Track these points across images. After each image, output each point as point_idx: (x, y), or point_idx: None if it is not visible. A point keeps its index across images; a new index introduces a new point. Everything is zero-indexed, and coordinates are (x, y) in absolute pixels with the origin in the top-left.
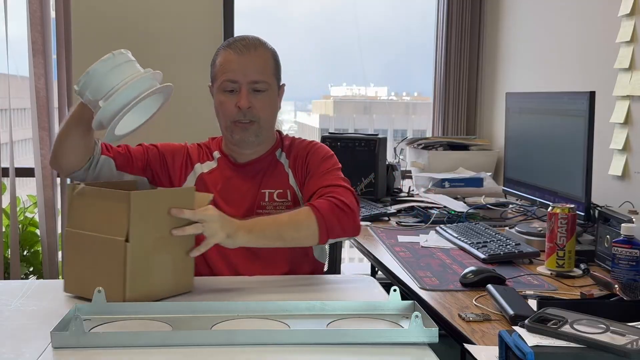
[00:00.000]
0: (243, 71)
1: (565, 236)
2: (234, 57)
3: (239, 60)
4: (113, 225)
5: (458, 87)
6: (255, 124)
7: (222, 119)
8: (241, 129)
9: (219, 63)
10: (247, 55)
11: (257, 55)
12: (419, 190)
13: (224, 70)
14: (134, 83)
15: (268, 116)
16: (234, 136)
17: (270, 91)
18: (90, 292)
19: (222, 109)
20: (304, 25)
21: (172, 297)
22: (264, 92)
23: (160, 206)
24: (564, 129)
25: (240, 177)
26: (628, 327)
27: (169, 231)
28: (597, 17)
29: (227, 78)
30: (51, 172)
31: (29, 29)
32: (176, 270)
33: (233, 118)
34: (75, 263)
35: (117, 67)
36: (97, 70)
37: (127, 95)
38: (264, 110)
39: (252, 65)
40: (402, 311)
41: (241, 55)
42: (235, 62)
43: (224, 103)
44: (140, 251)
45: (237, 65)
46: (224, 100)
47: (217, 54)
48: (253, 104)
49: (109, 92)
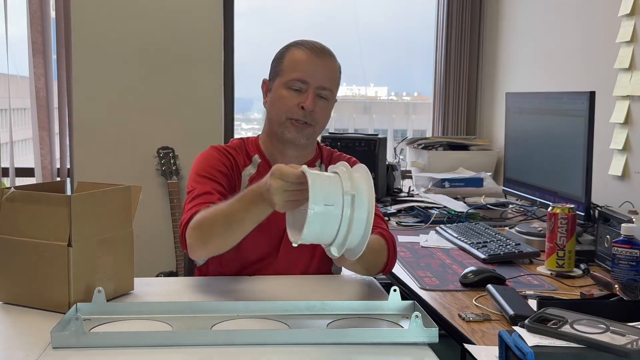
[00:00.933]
0: (315, 74)
1: (565, 236)
2: (310, 58)
3: (314, 62)
4: (52, 230)
5: (458, 87)
6: (310, 127)
7: (278, 114)
8: (296, 129)
9: (289, 59)
10: (323, 59)
11: (330, 63)
12: (419, 190)
13: (295, 68)
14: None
15: (323, 123)
16: (285, 134)
17: (331, 101)
18: (28, 299)
19: (281, 103)
20: (304, 25)
21: (172, 298)
22: (326, 100)
23: (101, 207)
24: (564, 129)
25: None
26: (628, 327)
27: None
28: (597, 17)
29: (298, 77)
30: (51, 172)
31: (29, 29)
32: (118, 271)
33: (292, 115)
34: (8, 270)
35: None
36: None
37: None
38: (322, 116)
39: (324, 71)
40: (402, 311)
41: (317, 58)
42: (310, 63)
43: (285, 98)
44: (83, 255)
45: (310, 67)
46: (287, 95)
47: (286, 50)
48: (316, 107)
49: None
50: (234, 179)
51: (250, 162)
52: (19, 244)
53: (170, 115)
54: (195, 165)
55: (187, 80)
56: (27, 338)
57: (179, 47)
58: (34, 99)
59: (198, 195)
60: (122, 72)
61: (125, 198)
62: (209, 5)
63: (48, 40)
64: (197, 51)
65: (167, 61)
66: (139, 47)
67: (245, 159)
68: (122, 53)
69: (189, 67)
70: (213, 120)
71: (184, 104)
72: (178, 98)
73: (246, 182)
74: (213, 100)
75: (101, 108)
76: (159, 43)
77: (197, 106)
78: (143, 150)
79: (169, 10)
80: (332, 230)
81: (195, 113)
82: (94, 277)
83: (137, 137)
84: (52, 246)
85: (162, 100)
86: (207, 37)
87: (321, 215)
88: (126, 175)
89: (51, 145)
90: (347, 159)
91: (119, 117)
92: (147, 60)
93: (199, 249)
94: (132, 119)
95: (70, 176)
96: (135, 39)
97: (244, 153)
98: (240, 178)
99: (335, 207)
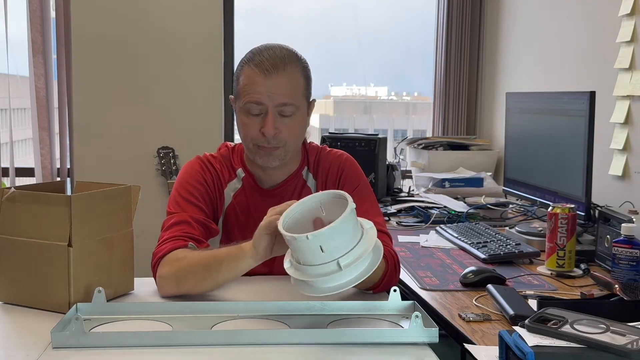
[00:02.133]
0: (270, 94)
1: (565, 236)
2: (260, 79)
3: (265, 83)
4: (52, 230)
5: (458, 87)
6: (280, 149)
7: (245, 141)
8: (265, 153)
9: (242, 81)
10: (275, 76)
11: (285, 76)
12: (419, 190)
13: (249, 90)
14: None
15: (295, 140)
16: (257, 159)
17: (298, 113)
18: (28, 299)
19: (244, 130)
20: (304, 25)
21: (172, 298)
22: (291, 116)
23: (100, 207)
24: (564, 129)
25: (267, 204)
26: (628, 327)
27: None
28: (597, 17)
29: (252, 100)
30: (51, 172)
31: (29, 29)
32: (118, 271)
33: (256, 142)
34: (7, 270)
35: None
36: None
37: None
38: (291, 135)
39: (280, 87)
40: (402, 311)
41: (267, 77)
42: (261, 83)
43: (247, 125)
44: (83, 255)
45: (263, 88)
46: (247, 122)
47: (241, 68)
48: (279, 128)
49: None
50: (215, 195)
51: (235, 175)
52: (19, 244)
53: (170, 115)
54: (177, 181)
55: (187, 80)
56: (27, 338)
57: (179, 47)
58: (34, 99)
59: (176, 223)
60: (122, 72)
61: (125, 198)
62: (209, 5)
63: (48, 40)
64: (197, 51)
65: (167, 61)
66: (139, 47)
67: (230, 172)
68: (122, 53)
69: (189, 67)
70: (213, 120)
71: (184, 104)
72: (178, 98)
73: (230, 198)
74: (213, 100)
75: (101, 108)
76: (159, 43)
77: (197, 106)
78: (143, 150)
79: (169, 10)
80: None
81: (195, 113)
82: (94, 277)
83: (137, 137)
84: (52, 246)
85: (162, 100)
86: (207, 37)
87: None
88: (126, 175)
89: (51, 145)
90: (335, 160)
91: (119, 117)
92: (147, 60)
93: (170, 287)
94: (132, 119)
95: (70, 176)
96: (135, 39)
97: (229, 165)
98: (223, 195)
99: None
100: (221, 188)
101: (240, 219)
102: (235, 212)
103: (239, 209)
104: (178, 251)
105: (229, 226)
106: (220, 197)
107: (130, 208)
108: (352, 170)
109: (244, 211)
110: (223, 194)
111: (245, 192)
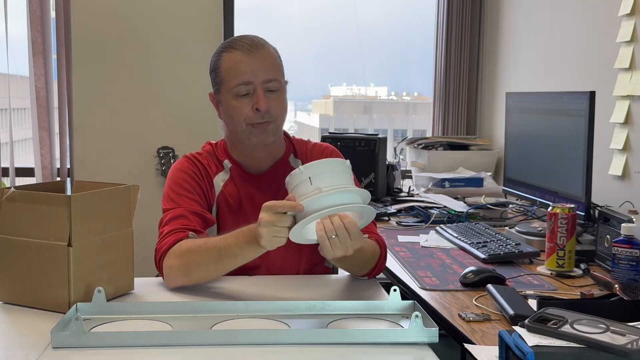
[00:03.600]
0: (255, 71)
1: (565, 236)
2: (244, 58)
3: (249, 61)
4: (52, 230)
5: (458, 87)
6: (272, 123)
7: (236, 124)
8: (259, 131)
9: (225, 67)
10: (256, 53)
11: (265, 54)
12: (419, 190)
13: (235, 73)
14: (357, 190)
15: (283, 114)
16: (251, 139)
17: (282, 90)
18: (28, 299)
19: (236, 113)
20: (304, 25)
21: (172, 298)
22: (277, 91)
23: (100, 207)
24: (564, 129)
25: (256, 190)
26: (628, 327)
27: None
28: (597, 17)
29: (241, 81)
30: (51, 172)
31: (29, 29)
32: (118, 271)
33: (250, 121)
34: (7, 270)
35: (346, 170)
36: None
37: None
38: (279, 109)
39: (263, 64)
40: (402, 311)
41: (250, 55)
42: (246, 62)
43: (237, 107)
44: (83, 255)
45: (248, 66)
46: (238, 105)
47: (218, 58)
48: (269, 103)
49: (335, 185)
50: (206, 186)
51: (222, 167)
52: (19, 244)
53: (170, 115)
54: (168, 180)
55: (187, 80)
56: (27, 338)
57: (179, 47)
58: (34, 99)
59: (173, 218)
60: (122, 72)
61: (125, 198)
62: (209, 5)
63: (48, 40)
64: (197, 51)
65: (167, 61)
66: (139, 47)
67: (217, 164)
68: (122, 53)
69: (188, 67)
70: (213, 120)
71: (184, 104)
72: (178, 98)
73: (220, 188)
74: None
75: (101, 108)
76: (158, 43)
77: (197, 106)
78: (143, 150)
79: (168, 10)
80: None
81: (195, 113)
82: (94, 277)
83: (137, 137)
84: (52, 246)
85: (162, 100)
86: (206, 36)
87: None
88: (126, 175)
89: (51, 145)
90: (324, 146)
91: (119, 117)
92: (147, 60)
93: (180, 278)
94: (132, 119)
95: (70, 176)
96: (135, 38)
97: (215, 159)
98: (213, 185)
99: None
100: (210, 179)
101: (232, 207)
102: (226, 201)
103: (229, 197)
104: (182, 242)
105: (221, 215)
106: (210, 188)
107: (130, 208)
108: (337, 155)
109: (234, 199)
110: (213, 185)
111: (234, 181)
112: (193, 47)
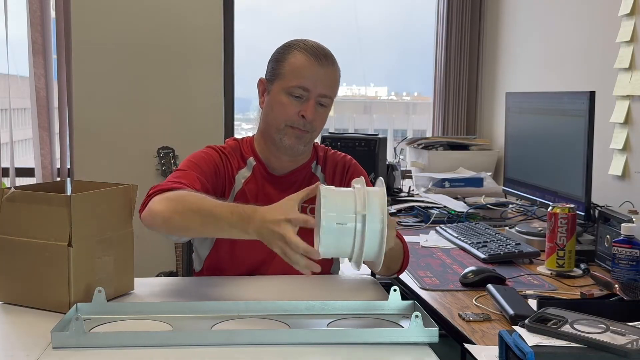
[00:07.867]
0: (317, 82)
1: (565, 236)
2: (312, 65)
3: (317, 70)
4: (52, 230)
5: (458, 87)
6: (309, 134)
7: (277, 119)
8: (295, 136)
9: (292, 63)
10: (325, 67)
11: (333, 70)
12: (419, 190)
13: (297, 74)
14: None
15: (320, 129)
16: (283, 140)
17: (329, 107)
18: (28, 299)
19: (281, 110)
20: (304, 25)
21: (172, 298)
22: (325, 107)
23: (101, 207)
24: (564, 129)
25: (277, 190)
26: (628, 327)
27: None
28: (597, 17)
29: (300, 84)
30: (51, 172)
31: (29, 29)
32: (118, 271)
33: (291, 123)
34: (8, 270)
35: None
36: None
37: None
38: (320, 124)
39: (326, 78)
40: (402, 311)
41: (319, 65)
42: (313, 70)
43: (286, 105)
44: (83, 255)
45: (313, 74)
46: (287, 102)
47: (288, 52)
48: (315, 116)
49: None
50: (224, 180)
51: (245, 164)
52: (19, 244)
53: (170, 115)
54: (190, 156)
55: (187, 80)
56: (27, 338)
57: (178, 47)
58: (34, 99)
59: (184, 174)
60: (122, 72)
61: (125, 198)
62: (209, 5)
63: (48, 40)
64: (197, 51)
65: (167, 61)
66: (139, 47)
67: (239, 161)
68: (122, 53)
69: (189, 67)
70: (213, 120)
71: (184, 104)
72: (178, 98)
73: (241, 184)
74: (213, 100)
75: (101, 108)
76: (158, 43)
77: (197, 106)
78: (143, 150)
79: (168, 10)
80: (347, 246)
81: (195, 113)
82: (94, 277)
83: (137, 137)
84: (52, 246)
85: (162, 100)
86: (206, 37)
87: (334, 232)
88: (126, 175)
89: (51, 145)
90: (342, 158)
91: (119, 117)
92: (147, 61)
93: (159, 220)
94: (132, 119)
95: (70, 176)
96: (135, 39)
97: (239, 155)
98: (234, 181)
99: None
100: (232, 174)
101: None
102: (245, 198)
103: (249, 195)
104: (180, 190)
105: None
106: (230, 181)
107: (130, 208)
108: (358, 167)
109: (252, 197)
110: (233, 179)
111: (256, 180)
112: (193, 48)
